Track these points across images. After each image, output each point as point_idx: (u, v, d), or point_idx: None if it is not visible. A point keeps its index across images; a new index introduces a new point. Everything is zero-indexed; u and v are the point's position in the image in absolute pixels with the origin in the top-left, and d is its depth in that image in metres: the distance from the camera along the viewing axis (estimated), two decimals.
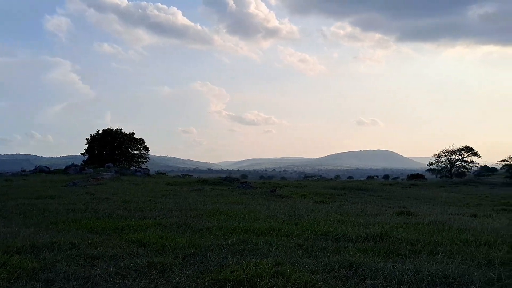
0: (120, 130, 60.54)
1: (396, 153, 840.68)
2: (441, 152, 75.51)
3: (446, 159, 75.28)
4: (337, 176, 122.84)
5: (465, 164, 74.54)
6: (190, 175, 54.59)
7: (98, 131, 60.03)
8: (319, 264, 6.36)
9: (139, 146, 62.56)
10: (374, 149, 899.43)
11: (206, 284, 5.43)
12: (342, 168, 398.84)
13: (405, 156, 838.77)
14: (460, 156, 74.48)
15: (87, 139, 59.85)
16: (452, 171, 73.93)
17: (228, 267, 6.04)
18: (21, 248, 7.15)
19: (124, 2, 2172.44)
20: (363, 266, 6.19)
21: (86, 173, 35.74)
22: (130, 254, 7.01)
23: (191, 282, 5.52)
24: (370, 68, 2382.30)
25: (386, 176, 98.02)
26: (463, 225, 10.78)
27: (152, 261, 6.38)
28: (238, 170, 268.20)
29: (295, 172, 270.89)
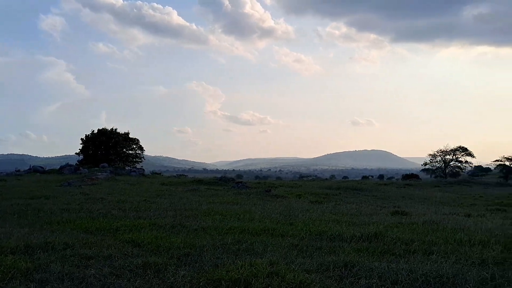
0: (115, 130, 60.39)
1: (391, 153, 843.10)
2: (435, 152, 75.83)
3: (441, 159, 75.60)
4: (332, 176, 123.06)
5: (459, 164, 74.87)
6: (185, 175, 54.46)
7: (93, 131, 59.82)
8: (314, 264, 6.38)
9: (134, 146, 62.41)
10: (369, 149, 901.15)
11: (201, 284, 5.44)
12: (337, 168, 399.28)
13: (400, 156, 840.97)
14: (454, 156, 74.82)
15: (82, 139, 59.65)
16: (447, 171, 74.22)
17: (223, 267, 6.05)
18: (15, 248, 7.13)
19: (119, 2, 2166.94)
20: (357, 265, 6.22)
21: (80, 173, 35.63)
22: (125, 254, 7.00)
23: (186, 282, 5.52)
24: (366, 68, 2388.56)
25: (381, 176, 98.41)
26: (457, 225, 10.85)
27: (147, 261, 6.37)
28: (234, 170, 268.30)
29: (291, 172, 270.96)
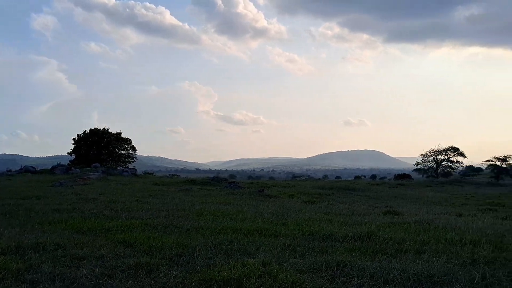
0: (107, 130, 60.18)
1: (383, 153, 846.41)
2: (427, 152, 76.12)
3: (433, 159, 75.90)
4: (325, 176, 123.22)
5: (451, 164, 75.21)
6: (177, 175, 54.39)
7: (85, 131, 59.60)
8: (306, 264, 6.39)
9: (126, 146, 62.21)
10: (362, 149, 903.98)
11: (193, 284, 5.43)
12: (330, 168, 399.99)
13: (392, 156, 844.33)
14: (446, 156, 75.17)
15: (73, 139, 59.38)
16: (438, 171, 74.56)
17: (215, 267, 6.04)
18: (6, 249, 7.08)
19: (111, 1, 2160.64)
20: (349, 265, 6.24)
21: (72, 173, 35.46)
22: (117, 254, 6.97)
23: (178, 282, 5.51)
24: (358, 68, 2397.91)
25: (374, 176, 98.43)
26: (448, 224, 10.91)
27: (139, 261, 6.35)
28: (226, 170, 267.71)
29: (283, 172, 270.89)
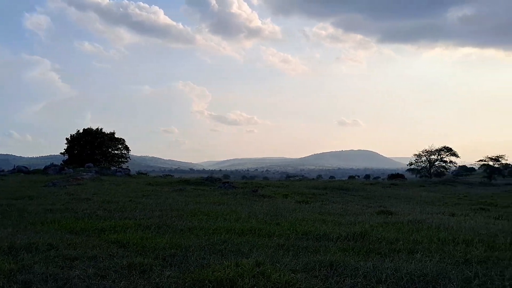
0: (101, 129, 60.00)
1: (377, 153, 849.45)
2: (420, 152, 76.54)
3: (426, 159, 76.33)
4: (319, 176, 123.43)
5: (444, 164, 75.66)
6: (171, 175, 54.28)
7: (78, 131, 59.37)
8: (299, 264, 6.40)
9: (120, 146, 62.05)
10: (356, 149, 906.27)
11: (187, 284, 5.42)
12: (324, 168, 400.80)
13: (385, 156, 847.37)
14: (439, 156, 75.59)
15: (67, 138, 59.12)
16: (431, 170, 74.96)
17: (209, 268, 6.04)
18: None
19: (105, 1, 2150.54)
20: (343, 265, 6.25)
21: (65, 173, 35.30)
22: (110, 255, 6.95)
23: (171, 282, 5.50)
24: (352, 68, 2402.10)
25: (367, 176, 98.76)
26: (441, 224, 10.96)
27: (132, 261, 6.33)
28: (220, 170, 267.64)
29: (278, 172, 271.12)
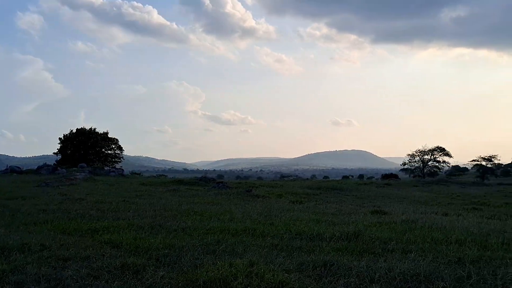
0: (94, 129, 59.92)
1: (371, 153, 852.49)
2: (414, 152, 76.98)
3: (419, 159, 76.74)
4: (313, 176, 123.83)
5: (437, 164, 76.09)
6: (165, 175, 54.28)
7: (72, 131, 59.26)
8: (293, 264, 6.40)
9: (113, 146, 61.94)
10: (350, 149, 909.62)
11: (180, 284, 5.40)
12: (318, 168, 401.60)
13: (379, 156, 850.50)
14: (432, 156, 76.02)
15: (60, 138, 58.95)
16: (425, 170, 75.33)
17: (202, 268, 6.02)
18: None
19: (98, 0, 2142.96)
20: (336, 265, 6.25)
21: (59, 173, 35.13)
22: (103, 255, 6.91)
23: (164, 283, 5.48)
24: (346, 69, 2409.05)
25: (361, 176, 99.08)
26: (434, 223, 11.01)
27: (125, 262, 6.30)
28: (214, 170, 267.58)
29: (272, 172, 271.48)
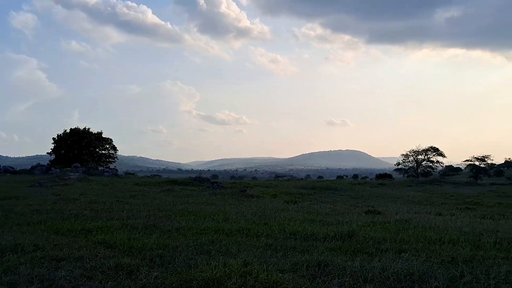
0: (88, 129, 59.72)
1: (365, 153, 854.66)
2: (408, 152, 77.27)
3: (413, 159, 77.04)
4: (307, 176, 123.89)
5: (430, 164, 76.42)
6: (159, 175, 54.19)
7: (65, 131, 59.01)
8: (287, 264, 6.40)
9: (107, 146, 61.76)
10: (344, 149, 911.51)
11: (174, 285, 5.40)
12: (313, 168, 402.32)
13: (373, 156, 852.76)
14: (426, 156, 76.34)
15: (53, 138, 58.69)
16: (419, 170, 75.64)
17: (196, 268, 6.02)
18: None
19: (92, 0, 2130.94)
20: (331, 265, 6.27)
21: (52, 173, 34.99)
22: (97, 255, 6.89)
23: (158, 283, 5.47)
24: (340, 69, 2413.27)
25: (355, 176, 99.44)
26: (428, 223, 11.08)
27: (119, 262, 6.29)
28: (209, 170, 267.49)
29: (266, 172, 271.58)
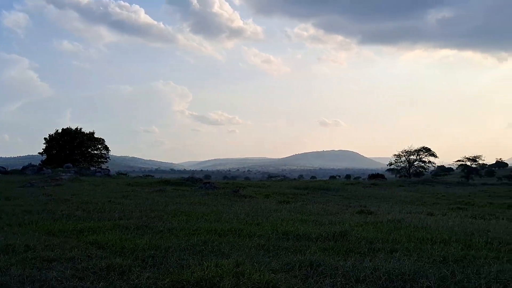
0: (80, 129, 59.53)
1: (358, 153, 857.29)
2: (400, 153, 77.80)
3: (405, 159, 77.56)
4: (300, 176, 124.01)
5: (422, 164, 76.97)
6: (151, 176, 54.07)
7: (57, 131, 58.79)
8: (280, 264, 6.41)
9: (99, 146, 61.61)
10: (337, 149, 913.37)
11: (166, 285, 5.39)
12: (306, 168, 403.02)
13: (366, 156, 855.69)
14: (418, 156, 76.88)
15: (45, 138, 58.43)
16: (411, 170, 76.12)
17: (189, 268, 6.01)
18: None
19: None
20: (323, 265, 6.28)
21: (44, 173, 34.82)
22: (89, 256, 6.87)
23: (150, 284, 5.46)
24: (333, 69, 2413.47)
25: (348, 176, 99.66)
26: (420, 223, 11.14)
27: (111, 263, 6.26)
28: (202, 170, 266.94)
29: (259, 172, 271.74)
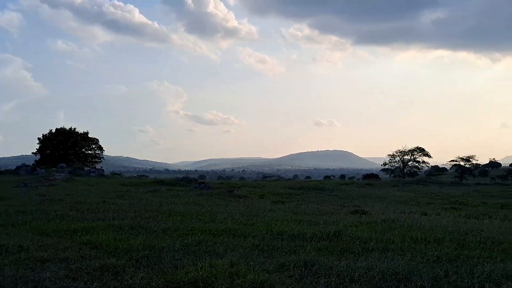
0: (74, 129, 59.34)
1: (352, 153, 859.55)
2: (394, 153, 78.12)
3: (399, 159, 77.86)
4: (295, 176, 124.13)
5: (417, 164, 77.31)
6: (146, 176, 54.01)
7: (51, 130, 58.56)
8: (274, 264, 6.42)
9: (93, 146, 61.46)
10: (331, 149, 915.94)
11: (160, 286, 5.38)
12: (300, 168, 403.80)
13: (360, 156, 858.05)
14: (412, 156, 77.20)
15: (39, 138, 58.19)
16: (405, 170, 76.43)
17: (183, 269, 6.00)
18: None
19: None
20: (317, 264, 6.29)
21: (37, 173, 34.70)
22: (82, 256, 6.85)
23: (144, 284, 5.44)
24: (328, 69, 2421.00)
25: (343, 176, 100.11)
26: (414, 223, 11.19)
27: (104, 263, 6.24)
28: (196, 170, 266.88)
29: (254, 172, 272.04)
